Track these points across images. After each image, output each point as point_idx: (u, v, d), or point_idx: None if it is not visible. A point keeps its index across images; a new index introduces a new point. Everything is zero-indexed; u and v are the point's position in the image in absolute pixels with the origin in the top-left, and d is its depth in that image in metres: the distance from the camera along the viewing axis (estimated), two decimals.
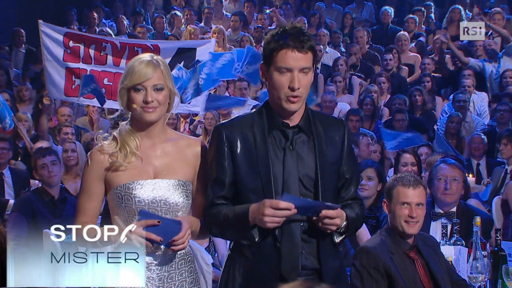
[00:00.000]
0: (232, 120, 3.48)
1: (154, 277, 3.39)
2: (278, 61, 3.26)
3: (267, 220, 3.16)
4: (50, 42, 8.77)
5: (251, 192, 3.31)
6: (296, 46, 3.24)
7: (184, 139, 3.55)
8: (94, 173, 3.42)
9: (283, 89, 3.27)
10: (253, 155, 3.31)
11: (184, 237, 3.27)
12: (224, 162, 3.34)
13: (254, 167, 3.30)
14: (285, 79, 3.26)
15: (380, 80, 10.75)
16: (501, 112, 9.24)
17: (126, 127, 3.46)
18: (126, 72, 3.41)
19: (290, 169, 3.29)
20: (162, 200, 3.37)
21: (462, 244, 4.82)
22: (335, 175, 3.37)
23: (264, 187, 3.27)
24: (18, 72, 11.75)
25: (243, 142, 3.33)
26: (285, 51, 3.25)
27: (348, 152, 3.41)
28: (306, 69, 3.27)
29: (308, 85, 3.31)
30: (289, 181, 3.28)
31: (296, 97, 3.26)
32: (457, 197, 5.34)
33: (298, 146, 3.32)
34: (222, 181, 3.35)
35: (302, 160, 3.30)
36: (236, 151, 3.33)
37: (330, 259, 3.30)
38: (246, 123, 3.37)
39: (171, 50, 8.72)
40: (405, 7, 14.78)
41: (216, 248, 5.77)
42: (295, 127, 3.34)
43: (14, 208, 6.58)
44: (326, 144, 3.34)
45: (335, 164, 3.36)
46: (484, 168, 8.53)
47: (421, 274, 4.22)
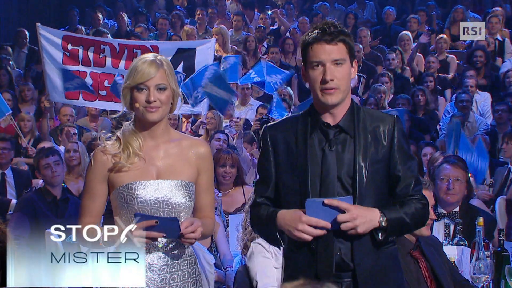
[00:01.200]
0: (278, 121, 3.49)
1: (156, 278, 3.39)
2: (310, 57, 3.26)
3: (297, 235, 3.17)
4: (49, 45, 8.79)
5: (289, 192, 3.31)
6: (325, 39, 3.22)
7: (187, 140, 3.54)
8: (97, 174, 3.42)
9: (317, 83, 3.25)
10: (293, 155, 3.30)
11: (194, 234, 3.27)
12: (268, 163, 3.36)
13: (293, 168, 3.30)
14: (318, 73, 3.24)
15: (383, 80, 10.73)
16: (499, 112, 9.23)
17: (130, 127, 3.46)
18: (129, 72, 3.41)
19: (329, 169, 3.25)
20: (164, 201, 3.37)
21: (465, 244, 4.82)
22: (381, 174, 3.28)
23: (301, 187, 3.26)
24: (20, 72, 11.76)
25: (285, 143, 3.33)
26: (314, 46, 3.24)
27: (399, 148, 3.30)
28: (339, 60, 3.23)
29: (345, 77, 3.24)
30: (327, 181, 3.25)
31: (332, 89, 3.23)
32: (460, 197, 5.33)
33: (339, 146, 3.28)
34: (265, 182, 3.38)
35: (342, 160, 3.26)
36: (279, 152, 3.34)
37: (367, 259, 3.24)
38: (290, 124, 3.37)
39: (170, 50, 8.73)
40: (407, 7, 14.77)
41: (218, 249, 5.77)
42: (336, 126, 3.30)
43: (16, 208, 6.59)
44: (370, 142, 3.28)
45: (381, 162, 3.28)
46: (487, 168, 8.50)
47: (425, 274, 4.22)
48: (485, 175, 7.83)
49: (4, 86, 10.70)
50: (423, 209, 3.33)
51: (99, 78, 8.74)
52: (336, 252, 3.23)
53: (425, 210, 3.35)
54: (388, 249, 3.31)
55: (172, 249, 3.40)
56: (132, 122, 3.47)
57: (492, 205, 7.00)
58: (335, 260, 3.22)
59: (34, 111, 10.25)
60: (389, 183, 3.32)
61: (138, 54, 8.50)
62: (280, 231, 3.24)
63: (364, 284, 3.21)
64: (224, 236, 5.76)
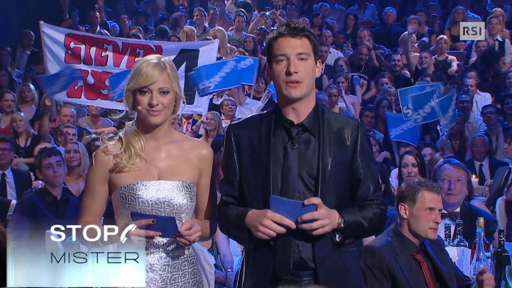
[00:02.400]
0: (243, 120, 3.50)
1: (157, 278, 3.39)
2: (275, 51, 3.30)
3: (261, 230, 3.19)
4: (51, 43, 8.79)
5: (252, 190, 3.33)
6: (290, 33, 3.27)
7: (189, 141, 3.54)
8: (99, 174, 3.42)
9: (281, 77, 3.28)
10: (256, 154, 3.33)
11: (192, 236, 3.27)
12: (232, 162, 3.38)
13: (256, 166, 3.32)
14: (282, 67, 3.28)
15: (383, 81, 10.73)
16: (487, 114, 9.24)
17: (132, 128, 3.46)
18: (133, 74, 3.40)
19: (290, 167, 3.28)
20: (165, 202, 3.37)
21: (465, 245, 4.81)
22: (343, 175, 3.31)
23: (263, 185, 3.28)
24: (21, 73, 11.75)
25: (249, 141, 3.36)
26: (279, 40, 3.29)
27: (362, 152, 3.34)
28: (303, 54, 3.27)
29: (309, 72, 3.28)
30: (288, 179, 3.27)
31: (296, 82, 3.26)
32: (461, 198, 5.33)
33: (301, 145, 3.31)
34: (230, 180, 3.40)
35: (305, 159, 3.29)
36: (242, 150, 3.36)
37: (328, 258, 3.26)
38: (254, 123, 3.39)
39: (173, 50, 8.74)
40: (408, 7, 14.77)
41: (219, 250, 5.76)
42: (300, 125, 3.32)
43: (16, 209, 6.58)
44: (334, 143, 3.31)
45: (343, 164, 3.31)
46: (487, 169, 8.51)
47: (427, 277, 4.20)
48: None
49: (4, 86, 10.69)
50: (381, 214, 3.36)
51: (100, 77, 8.75)
52: (295, 250, 3.25)
53: (383, 216, 3.38)
54: (348, 249, 3.33)
55: (173, 249, 3.40)
56: (134, 122, 3.47)
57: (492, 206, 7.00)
58: (293, 258, 3.24)
59: (35, 111, 10.25)
60: (351, 186, 3.35)
61: (141, 54, 8.53)
62: (247, 230, 3.26)
63: (325, 283, 3.22)
64: (224, 237, 5.76)
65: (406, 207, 4.27)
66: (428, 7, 13.93)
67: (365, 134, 3.38)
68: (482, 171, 8.50)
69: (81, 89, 8.80)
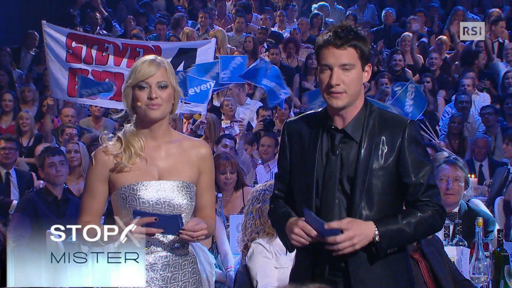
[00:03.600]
0: (298, 117, 3.51)
1: (158, 277, 3.39)
2: (320, 60, 3.28)
3: (293, 238, 3.23)
4: (53, 42, 8.81)
5: (297, 191, 3.36)
6: (335, 43, 3.22)
7: (188, 141, 3.55)
8: (98, 174, 3.43)
9: (323, 86, 3.27)
10: (303, 154, 3.34)
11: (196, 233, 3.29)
12: (284, 159, 3.42)
13: (302, 168, 3.34)
14: (326, 77, 3.25)
15: (383, 81, 10.72)
16: (485, 115, 9.23)
17: (131, 128, 3.46)
18: (131, 72, 3.43)
19: (331, 172, 3.26)
20: (166, 202, 3.38)
21: (464, 245, 4.81)
22: (385, 181, 3.25)
23: (306, 188, 3.30)
24: (21, 73, 11.77)
25: (300, 139, 3.37)
26: (324, 49, 3.26)
27: (410, 155, 3.25)
28: (347, 65, 3.22)
29: (353, 82, 3.24)
30: (328, 185, 3.26)
31: (338, 93, 3.23)
32: (459, 197, 5.33)
33: (344, 151, 3.29)
34: (282, 177, 3.45)
35: (345, 164, 3.27)
36: (294, 149, 3.39)
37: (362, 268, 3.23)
38: (308, 121, 3.40)
39: (172, 50, 8.78)
40: (407, 8, 14.76)
41: (219, 249, 5.76)
42: (342, 131, 3.30)
43: (17, 209, 6.58)
44: (376, 147, 3.26)
45: (385, 169, 3.25)
46: (487, 169, 8.52)
47: (425, 276, 4.21)
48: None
49: (4, 87, 10.70)
50: (432, 216, 3.26)
51: (100, 76, 8.77)
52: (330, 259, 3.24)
53: (435, 215, 3.26)
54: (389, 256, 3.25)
55: (174, 249, 3.42)
56: (133, 123, 3.48)
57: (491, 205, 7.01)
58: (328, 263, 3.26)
59: (35, 112, 10.26)
60: (402, 191, 3.29)
61: (141, 54, 8.56)
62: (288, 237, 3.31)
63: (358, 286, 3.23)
64: (225, 236, 5.76)
65: None
66: (428, 8, 13.93)
67: (413, 135, 3.28)
68: (482, 171, 8.52)
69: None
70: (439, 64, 11.24)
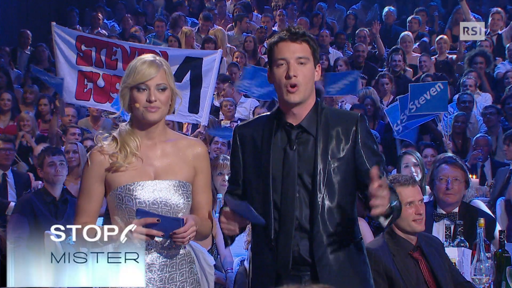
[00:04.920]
0: (249, 120, 3.62)
1: (155, 277, 3.37)
2: (275, 55, 3.37)
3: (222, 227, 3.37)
4: (63, 45, 8.83)
5: (253, 190, 3.41)
6: (290, 37, 3.34)
7: (184, 140, 3.54)
8: (94, 174, 3.40)
9: (281, 80, 3.34)
10: (257, 155, 3.40)
11: (186, 232, 3.26)
12: (237, 162, 3.49)
13: (257, 166, 3.39)
14: (282, 70, 3.35)
15: (383, 81, 10.71)
16: (487, 115, 9.23)
17: (126, 127, 3.44)
18: (129, 72, 3.40)
19: (289, 168, 3.33)
20: (163, 202, 3.36)
21: (465, 246, 4.79)
22: (343, 171, 3.35)
23: (264, 186, 3.35)
24: (19, 73, 11.75)
25: (252, 142, 3.44)
26: (279, 44, 3.36)
27: (364, 145, 3.37)
28: (302, 58, 3.34)
29: (308, 76, 3.35)
30: (287, 180, 3.33)
31: (294, 86, 3.32)
32: (459, 197, 5.30)
33: (300, 146, 3.36)
34: (235, 180, 3.51)
35: (303, 159, 3.35)
36: (246, 150, 3.45)
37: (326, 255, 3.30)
38: (259, 123, 3.48)
39: (179, 57, 8.80)
40: (408, 7, 14.75)
41: (219, 251, 5.74)
42: (298, 126, 3.38)
43: (15, 209, 6.56)
44: (332, 141, 3.35)
45: (342, 159, 3.35)
46: (489, 169, 8.49)
47: (425, 274, 4.21)
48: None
49: (3, 87, 10.68)
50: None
51: (111, 80, 8.78)
52: (294, 248, 3.30)
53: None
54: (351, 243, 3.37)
55: (171, 249, 3.40)
56: (128, 122, 3.46)
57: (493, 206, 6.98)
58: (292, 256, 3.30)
59: (34, 112, 10.24)
60: (359, 179, 3.37)
61: None
62: None
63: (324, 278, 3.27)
64: None
65: None
66: (429, 7, 13.92)
67: (365, 127, 3.42)
68: (483, 172, 8.49)
69: (90, 92, 8.82)
70: (430, 66, 11.25)
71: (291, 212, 3.30)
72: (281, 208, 3.33)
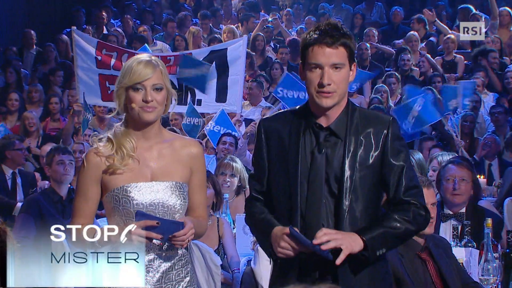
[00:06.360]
0: (274, 115, 3.48)
1: (152, 278, 3.37)
2: (309, 58, 3.23)
3: (280, 251, 3.18)
4: (82, 49, 8.86)
5: (278, 190, 3.31)
6: (326, 41, 3.19)
7: (179, 140, 3.53)
8: (91, 175, 3.39)
9: (313, 85, 3.22)
10: (285, 154, 3.29)
11: (186, 236, 3.26)
12: (261, 158, 3.36)
13: (284, 167, 3.28)
14: (316, 76, 3.22)
15: (390, 81, 10.69)
16: (495, 115, 9.19)
17: (121, 128, 3.43)
18: (125, 72, 3.39)
19: (317, 171, 3.23)
20: (160, 203, 3.35)
21: (473, 246, 4.78)
22: (370, 179, 3.24)
23: (290, 188, 3.25)
24: (27, 73, 11.77)
25: (279, 138, 3.32)
26: (314, 47, 3.22)
27: (392, 152, 3.24)
28: (338, 65, 3.20)
29: (342, 82, 3.22)
30: (314, 184, 3.23)
31: (328, 93, 3.21)
32: (466, 198, 5.28)
33: (329, 149, 3.25)
34: (259, 177, 3.39)
35: (331, 163, 3.24)
36: (272, 147, 3.33)
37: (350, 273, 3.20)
38: (285, 120, 3.35)
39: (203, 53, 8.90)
40: (415, 7, 14.70)
41: (226, 251, 5.74)
42: (327, 128, 3.27)
43: (22, 209, 6.58)
44: (361, 146, 3.24)
45: (371, 167, 3.24)
46: (497, 169, 8.46)
47: (433, 275, 4.20)
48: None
49: (12, 86, 10.71)
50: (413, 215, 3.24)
51: None
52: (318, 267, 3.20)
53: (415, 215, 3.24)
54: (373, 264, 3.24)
55: (168, 249, 3.39)
56: (123, 123, 3.44)
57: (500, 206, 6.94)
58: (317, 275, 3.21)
59: (41, 112, 10.26)
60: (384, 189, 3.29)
61: (171, 61, 8.62)
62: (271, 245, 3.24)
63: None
64: (231, 238, 5.73)
65: None
66: (436, 7, 13.87)
67: (396, 132, 3.29)
68: (491, 171, 8.46)
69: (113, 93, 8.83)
70: (428, 67, 11.22)
71: (316, 218, 3.21)
72: (306, 215, 3.22)
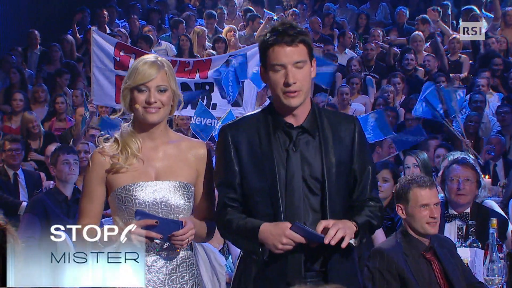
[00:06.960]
0: (237, 120, 3.45)
1: (155, 279, 3.36)
2: (271, 59, 3.25)
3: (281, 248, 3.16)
4: (100, 50, 8.86)
5: (256, 194, 3.28)
6: (285, 40, 3.21)
7: (186, 141, 3.52)
8: (96, 175, 3.40)
9: (279, 86, 3.24)
10: (258, 156, 3.28)
11: (185, 235, 3.24)
12: (231, 164, 3.31)
13: (260, 169, 3.27)
14: (280, 76, 3.24)
15: (395, 81, 10.69)
16: (502, 114, 9.16)
17: (128, 128, 3.43)
18: (130, 72, 3.40)
19: (294, 170, 3.25)
20: (162, 202, 3.34)
21: (478, 246, 4.76)
22: (345, 176, 3.30)
23: (270, 188, 3.24)
24: (32, 73, 11.79)
25: (248, 143, 3.31)
26: (275, 48, 3.23)
27: (360, 150, 3.33)
28: (299, 62, 3.23)
29: (306, 79, 3.25)
30: (292, 182, 3.24)
31: (294, 92, 3.23)
32: (470, 198, 5.26)
33: (302, 147, 3.28)
34: (231, 183, 3.32)
35: (307, 161, 3.26)
36: (242, 152, 3.31)
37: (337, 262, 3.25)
38: (251, 124, 3.34)
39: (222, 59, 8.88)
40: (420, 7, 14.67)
41: (231, 250, 5.74)
42: (299, 127, 3.29)
43: (27, 209, 6.59)
44: (333, 143, 3.28)
45: (344, 163, 3.29)
46: (502, 169, 8.43)
47: (438, 275, 4.20)
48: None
49: (16, 86, 10.73)
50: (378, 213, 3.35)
51: None
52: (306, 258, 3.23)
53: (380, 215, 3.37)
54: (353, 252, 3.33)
55: (172, 250, 3.37)
56: (130, 123, 3.45)
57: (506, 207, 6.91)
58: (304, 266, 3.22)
59: (46, 112, 10.27)
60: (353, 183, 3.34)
61: (190, 65, 8.62)
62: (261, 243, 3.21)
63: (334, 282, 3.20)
64: None
65: (402, 207, 4.29)
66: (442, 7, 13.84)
67: (361, 131, 3.37)
68: (496, 171, 8.43)
69: None
70: (434, 66, 11.22)
71: (298, 213, 3.22)
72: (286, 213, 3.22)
